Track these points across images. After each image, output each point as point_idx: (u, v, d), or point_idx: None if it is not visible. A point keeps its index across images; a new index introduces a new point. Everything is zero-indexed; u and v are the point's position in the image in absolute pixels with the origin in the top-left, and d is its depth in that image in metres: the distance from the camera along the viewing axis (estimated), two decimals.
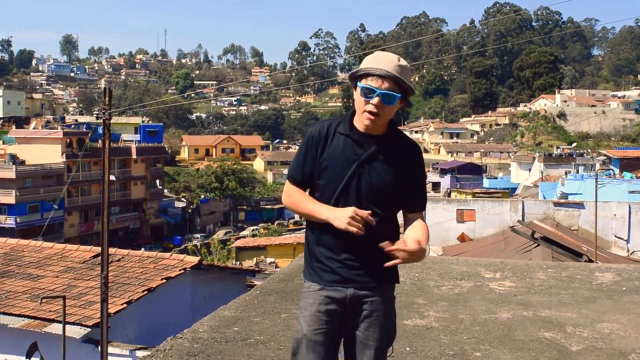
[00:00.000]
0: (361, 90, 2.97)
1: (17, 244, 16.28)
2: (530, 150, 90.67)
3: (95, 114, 14.39)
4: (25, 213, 59.45)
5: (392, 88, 2.94)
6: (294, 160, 3.16)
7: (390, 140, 3.05)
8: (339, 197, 2.99)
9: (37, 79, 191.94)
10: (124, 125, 78.74)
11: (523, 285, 6.92)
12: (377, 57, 3.02)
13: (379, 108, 2.94)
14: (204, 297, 13.91)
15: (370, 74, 2.96)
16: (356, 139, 3.02)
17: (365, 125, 3.00)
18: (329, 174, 3.02)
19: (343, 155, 3.01)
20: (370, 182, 2.99)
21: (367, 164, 3.00)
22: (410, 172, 3.06)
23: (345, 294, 3.01)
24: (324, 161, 3.04)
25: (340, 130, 3.06)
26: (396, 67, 2.96)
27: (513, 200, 32.71)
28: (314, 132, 3.10)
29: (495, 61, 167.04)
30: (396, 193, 3.03)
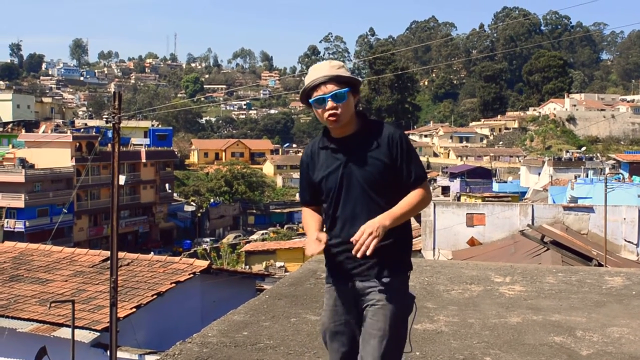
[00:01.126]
0: (313, 105, 3.23)
1: (27, 247, 16.33)
2: (539, 154, 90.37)
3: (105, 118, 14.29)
4: (35, 217, 59.65)
5: (338, 86, 3.19)
6: (299, 185, 3.53)
7: (365, 134, 3.27)
8: (337, 201, 3.26)
9: (46, 83, 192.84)
10: (133, 129, 78.97)
11: (533, 289, 6.89)
12: (312, 70, 3.32)
13: (335, 109, 3.18)
14: (213, 302, 13.90)
15: (313, 88, 3.22)
16: (333, 147, 3.29)
17: (334, 130, 3.26)
18: (325, 186, 3.29)
19: (328, 166, 3.28)
20: (359, 179, 3.21)
21: (349, 164, 3.23)
22: (392, 155, 3.23)
23: (353, 286, 3.26)
24: (316, 177, 3.32)
25: (320, 145, 3.35)
26: (331, 68, 3.24)
27: (523, 204, 32.60)
28: (304, 157, 3.44)
29: (504, 65, 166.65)
30: (387, 180, 3.23)
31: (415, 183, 3.27)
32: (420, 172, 3.31)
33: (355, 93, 3.28)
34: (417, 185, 3.27)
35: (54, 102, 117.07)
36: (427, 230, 28.70)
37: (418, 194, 3.26)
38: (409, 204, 3.22)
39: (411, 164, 3.27)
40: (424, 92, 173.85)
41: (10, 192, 58.57)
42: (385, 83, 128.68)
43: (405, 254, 3.36)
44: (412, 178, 3.26)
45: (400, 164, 3.24)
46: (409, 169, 3.26)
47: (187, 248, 62.94)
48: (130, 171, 69.17)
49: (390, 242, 3.19)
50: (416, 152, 3.37)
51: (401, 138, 3.29)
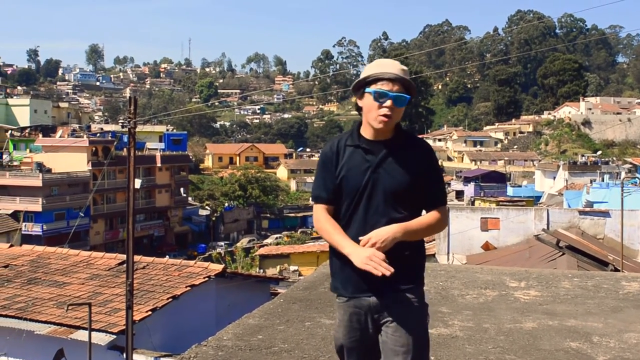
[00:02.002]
0: (373, 95, 3.07)
1: (44, 251, 16.45)
2: (554, 159, 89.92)
3: (121, 123, 14.52)
4: (52, 220, 60.06)
5: (403, 91, 3.08)
6: (315, 181, 3.29)
7: (399, 142, 3.15)
8: (357, 204, 3.12)
9: (63, 88, 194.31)
10: (148, 133, 79.39)
11: (548, 294, 6.87)
12: (382, 63, 3.17)
13: (391, 110, 3.06)
14: (228, 305, 13.94)
15: (380, 79, 3.07)
16: (365, 148, 3.15)
17: (377, 129, 3.11)
18: (346, 187, 3.13)
19: (355, 166, 3.13)
20: (386, 186, 3.09)
21: (379, 169, 3.10)
22: (422, 170, 3.13)
23: (369, 303, 3.12)
24: (340, 175, 3.14)
25: (349, 143, 3.19)
26: (402, 71, 3.11)
27: (537, 209, 32.47)
28: (326, 150, 3.25)
29: (518, 69, 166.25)
30: (413, 193, 3.11)
31: (436, 205, 3.19)
32: (443, 196, 3.24)
33: (408, 104, 3.16)
34: (436, 207, 3.19)
35: (71, 107, 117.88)
36: (441, 234, 28.62)
37: (435, 217, 3.17)
38: (426, 223, 3.14)
39: (436, 185, 3.20)
40: (437, 96, 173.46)
41: (28, 196, 59.02)
42: None
43: (421, 269, 3.28)
44: (434, 199, 3.19)
45: (427, 181, 3.15)
46: (434, 190, 3.19)
47: (202, 252, 63.11)
48: (145, 175, 69.48)
49: (408, 255, 3.12)
50: (442, 174, 3.32)
51: (434, 156, 3.24)
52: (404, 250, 3.07)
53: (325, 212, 3.21)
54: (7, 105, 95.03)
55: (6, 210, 54.50)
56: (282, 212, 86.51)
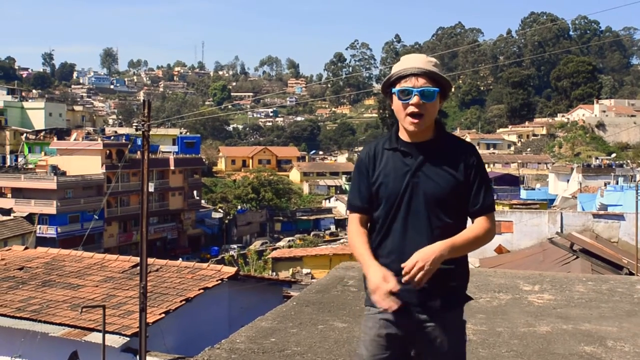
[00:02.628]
0: (397, 95, 2.88)
1: (58, 253, 16.55)
2: (568, 161, 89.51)
3: (135, 126, 14.52)
4: (66, 223, 60.38)
5: (429, 84, 2.86)
6: (350, 189, 3.12)
7: (440, 144, 2.94)
8: (396, 212, 2.90)
9: (77, 92, 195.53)
10: (162, 136, 79.76)
11: (562, 298, 6.84)
12: (406, 58, 2.98)
13: (420, 107, 2.84)
14: (241, 308, 13.97)
15: (402, 77, 2.89)
16: (403, 150, 2.93)
17: (411, 131, 2.91)
18: (384, 192, 2.92)
19: (394, 170, 2.92)
20: (426, 192, 2.87)
21: (419, 173, 2.88)
22: (466, 174, 2.91)
23: (407, 318, 2.88)
24: (377, 180, 2.95)
25: (387, 146, 2.99)
26: (427, 63, 2.91)
27: (551, 212, 32.34)
28: (362, 156, 3.05)
29: (532, 71, 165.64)
30: (456, 198, 2.90)
31: (482, 211, 2.95)
32: (491, 200, 2.97)
33: (443, 97, 2.94)
34: (483, 214, 2.95)
35: (85, 110, 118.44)
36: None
37: (483, 227, 2.93)
38: (474, 235, 2.90)
39: (482, 189, 2.94)
40: (450, 99, 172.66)
41: (43, 199, 59.39)
42: None
43: (466, 283, 3.05)
44: (480, 205, 2.93)
45: (472, 186, 2.92)
46: (480, 194, 2.94)
47: (215, 254, 63.29)
48: (159, 178, 69.78)
49: (453, 269, 2.90)
50: (489, 177, 3.03)
51: (479, 158, 2.98)
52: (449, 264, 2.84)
53: (358, 223, 3.02)
54: (23, 109, 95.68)
55: (21, 212, 54.90)
56: (295, 215, 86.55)
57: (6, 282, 14.04)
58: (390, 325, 2.90)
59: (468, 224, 2.99)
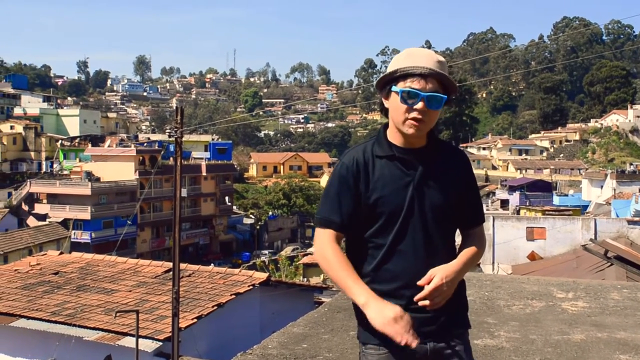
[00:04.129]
0: (400, 95, 2.52)
1: (92, 258, 16.75)
2: (602, 167, 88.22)
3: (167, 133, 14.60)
4: (100, 229, 61.09)
5: (438, 89, 2.51)
6: (326, 201, 2.62)
7: (436, 151, 2.63)
8: (401, 231, 2.54)
9: (111, 99, 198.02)
10: (194, 143, 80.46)
11: (597, 305, 6.76)
12: (413, 53, 2.58)
13: (424, 114, 2.49)
14: (272, 313, 14.01)
15: (409, 75, 2.52)
16: (401, 157, 2.58)
17: (409, 136, 2.55)
18: (383, 208, 2.55)
19: (392, 181, 2.56)
20: (433, 204, 2.56)
21: (423, 184, 2.56)
22: (464, 182, 2.67)
23: (426, 349, 2.56)
24: (372, 194, 2.55)
25: (379, 153, 2.60)
26: (437, 64, 2.52)
27: (585, 218, 31.92)
28: (348, 164, 2.60)
29: (564, 76, 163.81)
30: (457, 210, 2.63)
31: (477, 224, 2.73)
32: (482, 212, 2.77)
33: (447, 103, 2.58)
34: (478, 227, 2.74)
35: (119, 117, 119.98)
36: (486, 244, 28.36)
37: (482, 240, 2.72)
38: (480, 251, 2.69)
39: (476, 200, 2.74)
40: (482, 104, 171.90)
41: (78, 205, 60.20)
42: None
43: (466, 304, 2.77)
44: (479, 217, 2.74)
45: (470, 197, 2.69)
46: (477, 206, 2.73)
47: (246, 260, 63.43)
48: (191, 184, 70.27)
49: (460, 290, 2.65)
50: None
51: (472, 167, 2.75)
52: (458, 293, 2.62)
53: (334, 242, 2.58)
54: (58, 116, 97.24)
55: (56, 218, 55.78)
56: None
57: (42, 287, 14.25)
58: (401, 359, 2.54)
59: None
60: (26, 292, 13.91)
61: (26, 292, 13.91)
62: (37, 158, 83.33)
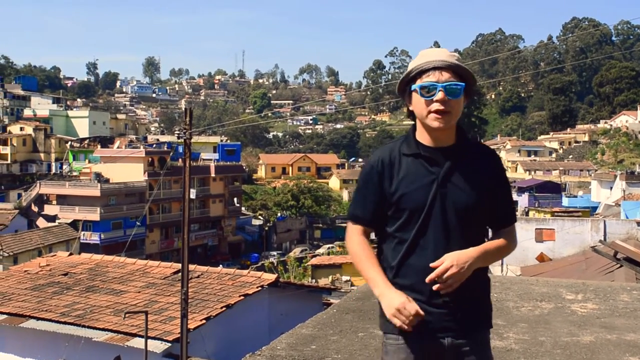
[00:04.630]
0: (420, 91, 2.60)
1: (102, 259, 16.81)
2: (611, 168, 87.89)
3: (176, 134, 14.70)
4: (109, 230, 61.31)
5: (454, 78, 2.58)
6: (354, 198, 2.78)
7: (464, 150, 2.67)
8: (423, 228, 2.61)
9: (121, 100, 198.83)
10: (203, 144, 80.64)
11: (606, 307, 6.73)
12: (426, 53, 2.68)
13: (445, 104, 2.56)
14: (281, 315, 14.01)
15: (424, 71, 2.59)
16: (426, 156, 2.64)
17: (436, 131, 2.62)
18: (406, 204, 2.63)
19: (417, 179, 2.63)
20: (456, 202, 2.61)
21: (447, 182, 2.61)
22: (493, 182, 2.69)
23: (444, 344, 2.62)
24: (397, 191, 2.64)
25: (406, 152, 2.69)
26: (450, 56, 2.62)
27: (594, 220, 31.82)
28: (375, 162, 2.71)
29: (573, 77, 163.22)
30: (484, 209, 2.66)
31: (508, 223, 2.76)
32: (513, 212, 2.81)
33: (468, 95, 2.65)
34: (508, 226, 2.76)
35: (128, 118, 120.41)
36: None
37: (509, 239, 2.75)
38: (501, 244, 2.72)
39: (506, 199, 2.77)
40: (490, 106, 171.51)
41: (87, 206, 60.46)
42: None
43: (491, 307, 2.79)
44: (508, 216, 2.77)
45: (499, 196, 2.72)
46: (507, 206, 2.76)
47: (255, 261, 63.51)
48: (200, 185, 70.39)
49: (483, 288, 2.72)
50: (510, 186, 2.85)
51: (503, 166, 2.78)
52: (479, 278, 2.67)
53: (362, 236, 2.73)
54: (67, 117, 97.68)
55: (66, 219, 55.95)
56: (335, 222, 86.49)
57: (51, 288, 14.31)
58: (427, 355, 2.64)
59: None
60: (36, 293, 13.98)
61: (36, 293, 13.98)
62: (47, 159, 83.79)
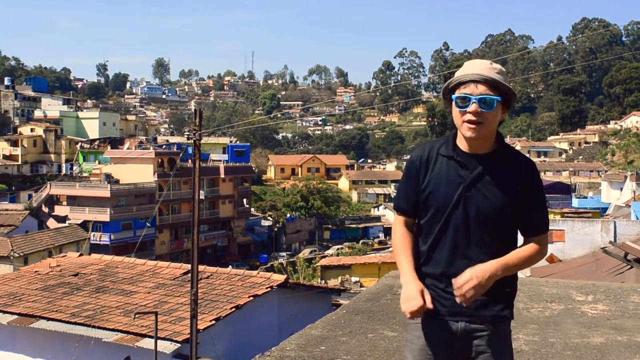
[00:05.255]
0: (456, 101, 2.76)
1: (112, 260, 16.87)
2: (621, 169, 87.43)
3: (186, 135, 14.76)
4: (119, 230, 61.50)
5: (489, 92, 2.72)
6: (398, 189, 3.04)
7: (499, 158, 2.81)
8: (446, 223, 2.80)
9: (130, 101, 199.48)
10: (213, 145, 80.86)
11: (617, 308, 6.70)
12: (469, 64, 2.85)
13: (478, 115, 2.71)
14: (290, 315, 14.02)
15: (462, 83, 2.76)
16: (460, 160, 2.80)
17: (469, 139, 2.77)
18: (433, 201, 2.82)
19: (447, 179, 2.80)
20: (478, 207, 2.76)
21: (473, 187, 2.76)
22: (522, 192, 2.78)
23: (456, 328, 2.81)
24: (427, 187, 2.83)
25: (443, 153, 2.85)
26: (489, 70, 2.76)
27: (604, 221, 31.67)
28: (414, 158, 2.91)
29: (583, 78, 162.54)
30: (508, 217, 2.78)
31: (537, 233, 2.85)
32: (545, 222, 2.87)
33: (506, 107, 2.79)
34: (537, 236, 2.85)
35: (138, 119, 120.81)
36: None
37: (536, 248, 2.83)
38: (527, 256, 2.82)
39: (537, 210, 2.84)
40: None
41: (97, 207, 60.69)
42: None
43: (513, 297, 2.93)
44: (536, 226, 2.85)
45: (529, 205, 2.81)
46: (534, 216, 2.84)
47: (264, 262, 63.59)
48: (209, 186, 70.53)
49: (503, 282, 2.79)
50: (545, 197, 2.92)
51: (536, 175, 2.86)
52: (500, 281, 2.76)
53: (403, 226, 2.94)
54: (78, 118, 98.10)
55: (76, 220, 56.24)
56: (344, 223, 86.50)
57: (61, 288, 14.36)
58: (440, 335, 2.82)
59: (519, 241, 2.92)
60: (46, 293, 14.03)
61: (46, 293, 14.03)
62: (57, 160, 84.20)
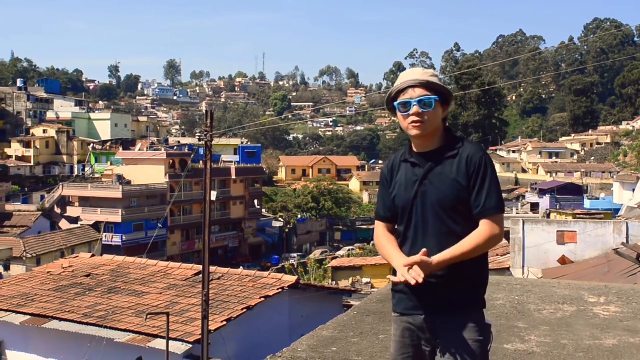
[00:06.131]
0: (398, 108, 3.08)
1: (124, 261, 16.91)
2: (634, 170, 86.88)
3: (197, 136, 14.84)
4: (131, 231, 61.68)
5: (427, 93, 3.02)
6: (377, 197, 3.31)
7: (447, 151, 3.06)
8: (408, 220, 3.08)
9: (142, 103, 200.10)
10: (224, 146, 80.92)
11: (629, 310, 6.68)
12: (402, 74, 3.16)
13: (420, 116, 3.01)
14: (301, 316, 14.02)
15: (401, 91, 3.06)
16: (413, 161, 3.11)
17: (415, 138, 3.09)
18: (398, 202, 3.12)
19: (405, 181, 3.10)
20: (432, 199, 3.01)
21: (426, 181, 3.04)
22: (469, 178, 2.99)
23: (420, 321, 3.07)
24: (393, 191, 3.15)
25: (402, 159, 3.18)
26: (423, 74, 3.09)
27: (616, 222, 31.46)
28: (384, 168, 3.26)
29: (595, 78, 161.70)
30: (463, 204, 3.00)
31: (484, 214, 2.97)
32: (492, 202, 2.97)
33: (445, 105, 3.08)
34: (485, 217, 2.96)
35: (149, 121, 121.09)
36: (516, 247, 28.07)
37: (485, 232, 2.95)
38: (473, 245, 2.93)
39: (483, 191, 2.96)
40: (511, 107, 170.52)
41: (109, 208, 60.89)
42: (471, 98, 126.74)
43: (481, 289, 3.10)
44: (480, 207, 2.97)
45: (473, 188, 2.98)
46: (481, 196, 2.96)
47: (275, 263, 63.63)
48: (220, 187, 70.64)
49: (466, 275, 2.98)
50: (496, 178, 3.02)
51: (481, 160, 2.99)
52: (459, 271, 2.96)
53: (384, 229, 3.21)
54: (90, 120, 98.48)
55: (88, 221, 56.42)
56: (355, 224, 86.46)
57: (74, 289, 14.43)
58: (410, 328, 3.10)
59: None
60: (58, 294, 14.10)
61: (58, 294, 14.10)
62: (70, 161, 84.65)
